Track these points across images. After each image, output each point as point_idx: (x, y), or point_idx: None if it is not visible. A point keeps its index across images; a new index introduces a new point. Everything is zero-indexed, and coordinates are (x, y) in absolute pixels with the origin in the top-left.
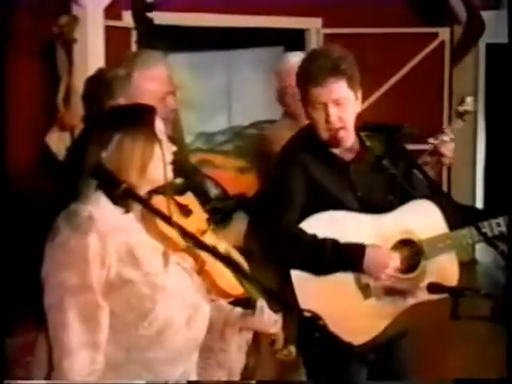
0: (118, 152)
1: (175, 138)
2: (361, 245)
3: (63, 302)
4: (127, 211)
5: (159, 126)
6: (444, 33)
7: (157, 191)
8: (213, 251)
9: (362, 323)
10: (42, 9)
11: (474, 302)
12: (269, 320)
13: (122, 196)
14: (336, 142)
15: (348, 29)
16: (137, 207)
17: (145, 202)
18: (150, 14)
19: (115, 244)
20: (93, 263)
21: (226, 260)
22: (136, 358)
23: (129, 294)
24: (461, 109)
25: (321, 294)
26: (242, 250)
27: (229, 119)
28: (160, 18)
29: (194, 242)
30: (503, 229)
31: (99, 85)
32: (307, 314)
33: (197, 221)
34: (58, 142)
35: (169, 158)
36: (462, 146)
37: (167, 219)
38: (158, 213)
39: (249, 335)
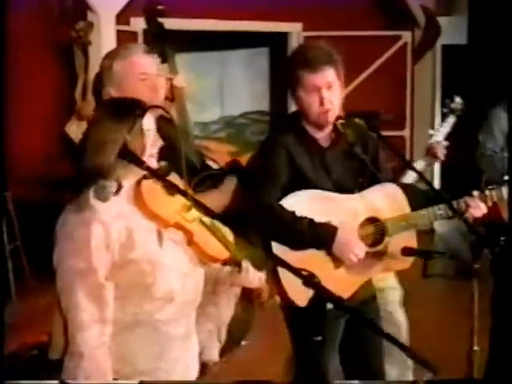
0: (136, 136)
1: (182, 125)
2: (333, 226)
3: (73, 285)
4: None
5: (148, 121)
6: (406, 35)
7: (145, 176)
8: (219, 216)
9: (332, 289)
10: (61, 16)
11: (440, 263)
12: (253, 277)
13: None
14: (325, 121)
15: (324, 32)
16: (128, 192)
17: (163, 179)
18: (160, 19)
19: (117, 230)
20: (96, 249)
21: (226, 221)
22: (142, 320)
23: (132, 271)
24: (452, 106)
25: (295, 261)
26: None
27: (221, 110)
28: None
29: (205, 211)
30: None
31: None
32: (304, 273)
33: (182, 198)
34: (77, 131)
35: (153, 150)
36: (420, 138)
37: (183, 193)
38: (175, 187)
39: (237, 290)
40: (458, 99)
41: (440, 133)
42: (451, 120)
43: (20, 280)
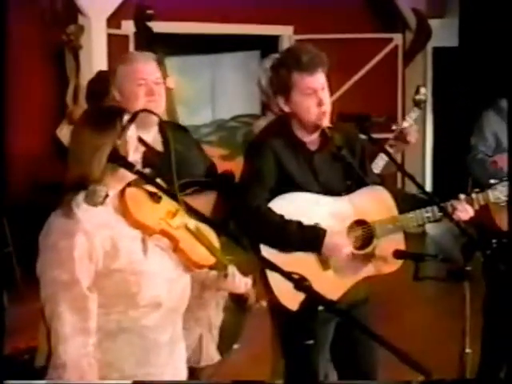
0: (125, 140)
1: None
2: (321, 229)
3: (56, 296)
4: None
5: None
6: (397, 38)
7: (129, 184)
8: (206, 219)
9: (320, 291)
10: (52, 19)
11: (431, 265)
12: (239, 282)
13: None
14: (321, 123)
15: (316, 35)
16: (112, 201)
17: (152, 181)
18: (149, 23)
19: (101, 240)
20: (80, 260)
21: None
22: (127, 327)
23: (116, 281)
24: (417, 98)
25: (283, 264)
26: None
27: (213, 113)
28: (155, 26)
29: (196, 216)
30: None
31: (104, 81)
32: (295, 276)
33: (167, 205)
34: (67, 135)
35: (136, 156)
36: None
37: (174, 196)
38: (165, 190)
39: (224, 294)
40: (423, 90)
41: (402, 126)
42: (414, 114)
43: (11, 286)
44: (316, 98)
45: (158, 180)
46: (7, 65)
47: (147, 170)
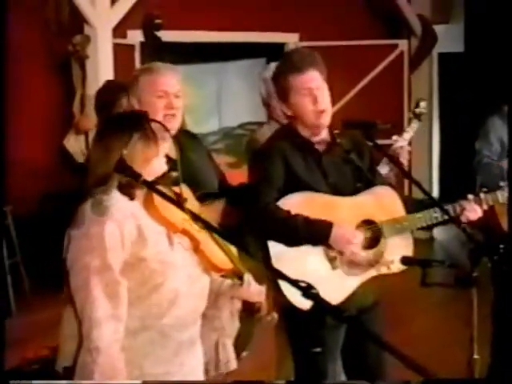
0: (133, 149)
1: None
2: (328, 222)
3: (89, 282)
4: (132, 198)
5: (155, 128)
6: (403, 44)
7: (156, 182)
8: (214, 228)
9: (329, 289)
10: (58, 29)
11: (438, 271)
12: (254, 291)
13: (130, 186)
14: (321, 123)
15: (321, 42)
16: (140, 195)
17: (158, 190)
18: (157, 33)
19: (129, 228)
20: (111, 246)
21: (226, 236)
22: (149, 324)
23: (143, 270)
24: (417, 111)
25: (293, 263)
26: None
27: (220, 121)
28: (161, 35)
29: (201, 222)
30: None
31: (112, 91)
32: (302, 284)
33: (191, 208)
34: (74, 144)
35: (163, 153)
36: (419, 145)
37: (178, 204)
38: (169, 198)
39: (238, 303)
40: (422, 104)
41: (403, 138)
42: (415, 125)
43: (20, 295)
44: (311, 96)
45: (184, 185)
46: (12, 74)
47: (175, 174)
